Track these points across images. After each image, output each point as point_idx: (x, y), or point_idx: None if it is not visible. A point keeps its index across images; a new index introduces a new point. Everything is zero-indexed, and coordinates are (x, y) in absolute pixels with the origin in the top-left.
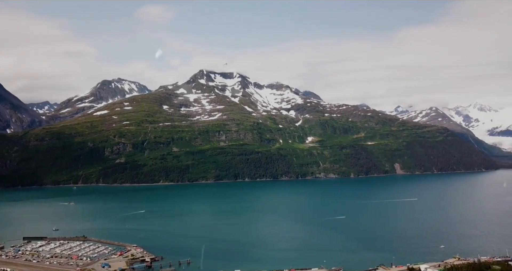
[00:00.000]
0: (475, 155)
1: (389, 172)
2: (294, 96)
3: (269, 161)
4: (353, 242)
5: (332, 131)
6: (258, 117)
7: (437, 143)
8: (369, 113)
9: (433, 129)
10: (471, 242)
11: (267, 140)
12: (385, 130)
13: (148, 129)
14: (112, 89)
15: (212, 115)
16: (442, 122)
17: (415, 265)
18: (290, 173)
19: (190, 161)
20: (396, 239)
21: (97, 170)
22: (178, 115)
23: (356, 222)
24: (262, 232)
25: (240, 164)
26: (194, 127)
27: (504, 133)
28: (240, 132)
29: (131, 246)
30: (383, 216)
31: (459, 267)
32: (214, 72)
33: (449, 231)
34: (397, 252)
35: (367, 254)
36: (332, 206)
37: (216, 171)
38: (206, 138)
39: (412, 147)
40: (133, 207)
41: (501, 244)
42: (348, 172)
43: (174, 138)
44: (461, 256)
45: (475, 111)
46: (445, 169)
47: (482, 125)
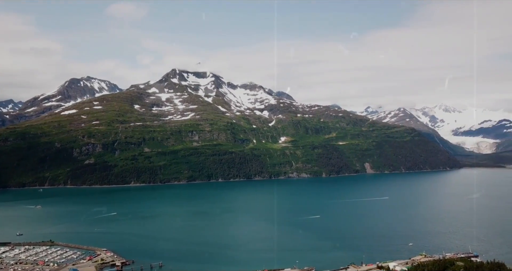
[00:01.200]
0: (440, 154)
1: (360, 171)
2: (268, 97)
3: (243, 161)
4: (325, 241)
5: (304, 132)
6: (231, 117)
7: (405, 142)
8: (340, 114)
9: (401, 129)
10: (436, 240)
11: (240, 140)
12: (356, 131)
13: (119, 129)
14: (81, 88)
15: (185, 115)
16: (410, 123)
17: (384, 263)
18: (264, 173)
19: (162, 161)
20: (367, 237)
21: (65, 171)
22: (150, 115)
23: (330, 221)
24: (235, 233)
25: (214, 164)
26: (166, 128)
27: (467, 133)
28: (214, 133)
29: (101, 250)
30: (356, 215)
31: (425, 264)
32: (187, 71)
33: (417, 229)
34: (367, 251)
35: (339, 253)
36: (307, 205)
37: (189, 172)
38: (179, 138)
39: (382, 146)
40: (103, 209)
41: (464, 241)
42: (320, 172)
43: (146, 138)
44: (427, 253)
45: (440, 112)
46: (413, 168)
47: (447, 126)
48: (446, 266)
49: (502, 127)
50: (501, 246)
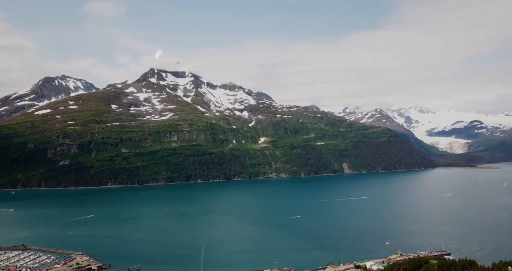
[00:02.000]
0: (415, 154)
1: (338, 171)
2: (247, 97)
3: (222, 161)
4: (305, 241)
5: (283, 132)
6: (211, 117)
7: (381, 143)
8: (319, 115)
9: (378, 130)
10: (412, 238)
11: (220, 141)
12: (334, 131)
13: (95, 129)
14: (56, 87)
15: (163, 115)
16: (386, 123)
17: (361, 262)
18: (243, 173)
19: (140, 162)
20: (345, 237)
21: (39, 173)
22: (127, 115)
23: (310, 221)
24: (215, 234)
25: (193, 165)
26: (144, 128)
27: (440, 133)
28: (193, 133)
29: (77, 254)
30: (335, 214)
31: (401, 263)
32: (166, 71)
33: (393, 228)
34: (346, 250)
35: (317, 253)
36: (287, 205)
37: (167, 173)
38: (157, 139)
39: (359, 147)
40: (79, 211)
41: (438, 239)
42: (299, 172)
43: (123, 139)
44: (402, 252)
45: (415, 113)
46: (389, 168)
47: (421, 126)
48: (421, 264)
49: (474, 128)
50: (473, 243)
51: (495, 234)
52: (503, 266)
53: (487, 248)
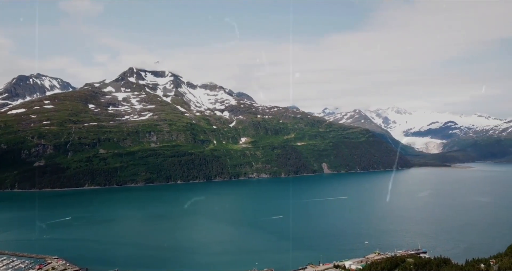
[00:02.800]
0: (392, 154)
1: (317, 171)
2: (228, 97)
3: (203, 162)
4: (285, 242)
5: (264, 133)
6: (191, 117)
7: (360, 143)
8: (299, 115)
9: (356, 130)
10: (389, 237)
11: (200, 141)
12: (314, 132)
13: (72, 129)
14: (30, 85)
15: (142, 115)
16: (365, 124)
17: (340, 262)
18: (224, 174)
19: (119, 163)
20: (326, 237)
21: (12, 174)
22: (105, 115)
23: (292, 221)
24: (195, 236)
25: (172, 166)
26: (123, 128)
27: (416, 134)
28: (173, 133)
29: (52, 258)
30: (317, 214)
31: (379, 262)
32: (145, 70)
33: (372, 227)
34: (325, 250)
35: (298, 253)
36: (269, 206)
37: (146, 174)
38: (136, 139)
39: (338, 147)
40: (56, 214)
41: (414, 238)
42: (279, 172)
43: (101, 139)
44: (380, 251)
45: (392, 114)
46: (367, 168)
47: (398, 127)
48: (398, 263)
49: (448, 129)
50: (447, 241)
51: (468, 232)
52: (475, 264)
53: (461, 246)
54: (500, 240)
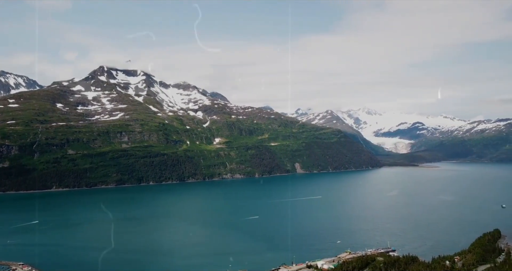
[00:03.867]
0: (363, 154)
1: (290, 171)
2: (202, 97)
3: (176, 163)
4: (260, 242)
5: (238, 133)
6: (164, 117)
7: (332, 143)
8: (273, 116)
9: (328, 131)
10: (360, 236)
11: (173, 141)
12: (287, 132)
13: (39, 129)
14: None
15: (113, 115)
16: (336, 125)
17: (313, 262)
18: (197, 175)
19: (88, 164)
20: (299, 236)
21: None
22: (74, 115)
23: (267, 221)
24: (168, 238)
25: (144, 167)
26: (93, 128)
27: (386, 134)
28: (145, 134)
29: (17, 264)
30: (292, 214)
31: (350, 261)
32: (116, 69)
33: (344, 227)
34: (299, 250)
35: (271, 254)
36: (244, 206)
37: (117, 175)
38: (107, 139)
39: (311, 147)
40: (22, 218)
41: (384, 237)
42: (253, 172)
43: (70, 139)
44: (351, 250)
45: (363, 115)
46: (339, 168)
47: (369, 127)
48: (368, 262)
49: (416, 129)
50: (415, 240)
51: (434, 230)
52: (441, 261)
53: (428, 243)
54: (464, 238)
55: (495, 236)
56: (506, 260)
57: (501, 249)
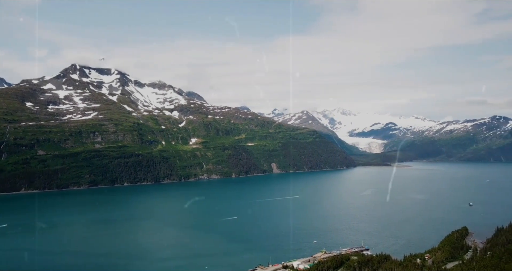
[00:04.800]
0: (338, 154)
1: (267, 171)
2: (178, 97)
3: (151, 163)
4: (236, 244)
5: (215, 133)
6: (138, 117)
7: (307, 144)
8: (250, 116)
9: (304, 131)
10: (335, 236)
11: (148, 142)
12: (264, 132)
13: (7, 129)
14: None
15: (86, 115)
16: (312, 125)
17: (289, 262)
18: (173, 176)
19: (60, 165)
20: (277, 237)
21: None
22: (45, 114)
23: (245, 222)
24: (143, 241)
25: (119, 168)
26: (64, 128)
27: (360, 134)
28: (119, 134)
29: None
30: (270, 214)
31: (325, 261)
32: (89, 67)
33: (319, 226)
34: (275, 251)
35: (248, 255)
36: (222, 207)
37: (90, 176)
38: (79, 140)
39: (287, 147)
40: None
41: (357, 236)
42: (230, 172)
43: (40, 140)
44: (327, 250)
45: (338, 115)
46: (314, 167)
47: (344, 127)
48: (343, 261)
49: (389, 130)
50: (387, 238)
51: (406, 229)
52: (412, 259)
53: (400, 242)
54: (434, 235)
55: (463, 234)
56: (473, 257)
57: (469, 246)
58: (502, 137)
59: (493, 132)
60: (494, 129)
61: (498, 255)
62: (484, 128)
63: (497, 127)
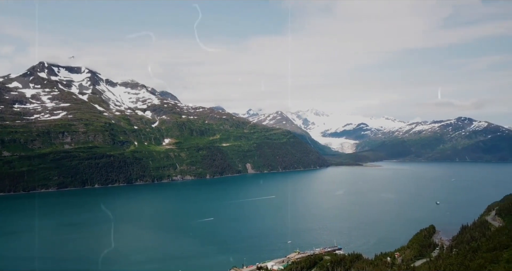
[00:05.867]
0: (311, 154)
1: (242, 171)
2: (151, 96)
3: (123, 164)
4: (211, 246)
5: (189, 133)
6: (110, 117)
7: (281, 144)
8: (224, 116)
9: (278, 132)
10: (308, 236)
11: (120, 142)
12: (238, 133)
13: None
14: None
15: (54, 114)
16: (286, 125)
17: (263, 263)
18: (146, 177)
19: (26, 166)
20: (251, 238)
21: None
22: (10, 114)
23: (221, 223)
24: (115, 245)
25: (89, 169)
26: (31, 128)
27: (333, 135)
28: (89, 134)
29: None
30: (246, 215)
31: (299, 261)
32: (58, 65)
33: (293, 226)
34: (250, 252)
35: (222, 257)
36: (195, 208)
37: (59, 178)
38: (47, 140)
39: (261, 148)
40: None
41: (330, 235)
42: (204, 173)
43: (5, 140)
44: (300, 250)
45: (312, 116)
46: (288, 168)
47: (317, 128)
48: (316, 261)
49: (360, 130)
50: (359, 238)
51: (377, 228)
52: (383, 257)
53: (371, 241)
54: (403, 234)
55: (430, 232)
56: (440, 254)
57: (436, 244)
58: (466, 137)
59: (458, 133)
60: (459, 130)
61: (463, 252)
62: (450, 129)
63: (462, 128)
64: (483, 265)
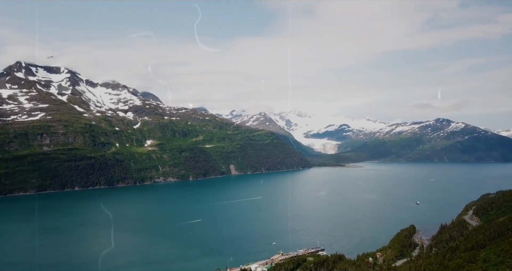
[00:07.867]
0: (294, 155)
1: (225, 173)
2: (132, 97)
3: (104, 166)
4: (195, 248)
5: (172, 135)
6: (90, 118)
7: (265, 145)
8: (207, 118)
9: (262, 133)
10: (292, 237)
11: (101, 144)
12: (222, 134)
13: None
14: None
15: (32, 115)
16: (269, 126)
17: (247, 265)
18: (128, 179)
19: (3, 169)
20: (236, 239)
21: None
22: None
23: (205, 225)
24: (95, 249)
25: (69, 171)
26: (8, 129)
27: (315, 136)
28: (69, 135)
29: None
30: (232, 216)
31: (282, 263)
32: (36, 65)
33: (277, 228)
34: (234, 254)
35: (206, 259)
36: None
37: (38, 180)
38: (25, 142)
39: (245, 149)
40: None
41: (313, 236)
42: (187, 175)
43: None
44: (284, 252)
45: (294, 117)
46: (271, 169)
47: (300, 129)
48: (299, 263)
49: (342, 131)
50: (342, 238)
51: (359, 228)
52: (365, 257)
53: (353, 241)
54: (384, 234)
55: (411, 232)
56: (420, 254)
57: (416, 244)
58: (445, 138)
59: (437, 134)
60: (438, 131)
61: (442, 252)
62: (430, 130)
63: (441, 129)
64: (461, 265)
